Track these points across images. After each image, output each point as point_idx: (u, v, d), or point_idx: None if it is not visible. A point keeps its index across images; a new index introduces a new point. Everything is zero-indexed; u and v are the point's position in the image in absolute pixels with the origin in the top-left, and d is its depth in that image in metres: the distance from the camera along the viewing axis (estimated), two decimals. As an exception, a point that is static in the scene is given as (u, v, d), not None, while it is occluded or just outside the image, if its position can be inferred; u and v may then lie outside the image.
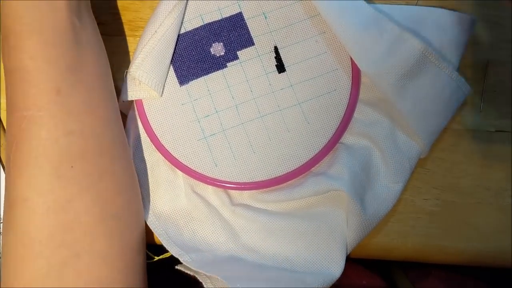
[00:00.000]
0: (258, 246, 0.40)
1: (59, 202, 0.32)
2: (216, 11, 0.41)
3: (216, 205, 0.40)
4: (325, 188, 0.39)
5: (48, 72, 0.32)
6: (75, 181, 0.32)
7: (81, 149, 0.33)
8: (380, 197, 0.39)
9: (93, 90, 0.34)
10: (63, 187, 0.32)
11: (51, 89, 0.32)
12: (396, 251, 0.42)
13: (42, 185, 0.32)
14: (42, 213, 0.32)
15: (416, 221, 0.41)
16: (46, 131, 0.32)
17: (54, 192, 0.32)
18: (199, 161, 0.40)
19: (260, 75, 0.41)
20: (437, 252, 0.42)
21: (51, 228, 0.32)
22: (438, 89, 0.38)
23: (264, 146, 0.40)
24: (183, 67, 0.41)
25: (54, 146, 0.32)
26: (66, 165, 0.32)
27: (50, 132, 0.32)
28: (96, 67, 0.35)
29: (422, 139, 0.39)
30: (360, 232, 0.39)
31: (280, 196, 0.40)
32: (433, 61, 0.38)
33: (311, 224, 0.40)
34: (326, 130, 0.40)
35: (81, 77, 0.33)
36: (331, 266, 0.39)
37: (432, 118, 0.39)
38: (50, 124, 0.32)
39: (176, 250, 0.39)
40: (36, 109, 0.31)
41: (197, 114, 0.40)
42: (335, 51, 0.40)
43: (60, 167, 0.32)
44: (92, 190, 0.33)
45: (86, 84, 0.34)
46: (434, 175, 0.42)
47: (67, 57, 0.32)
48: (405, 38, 0.38)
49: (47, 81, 0.32)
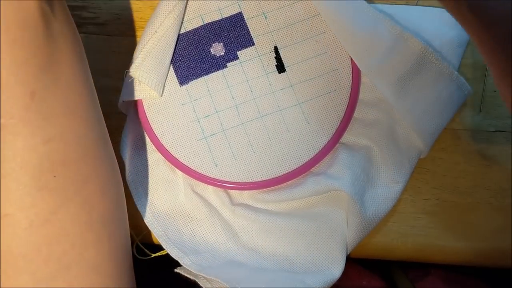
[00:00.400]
0: (258, 246, 0.40)
1: (42, 215, 0.29)
2: (216, 11, 0.41)
3: (216, 205, 0.40)
4: (325, 188, 0.39)
5: (19, 74, 0.28)
6: (58, 190, 0.30)
7: (63, 155, 0.30)
8: (380, 197, 0.39)
9: (71, 89, 0.31)
10: (46, 199, 0.29)
11: (24, 93, 0.28)
12: (396, 251, 0.42)
13: (22, 199, 0.29)
14: (25, 228, 0.29)
15: (416, 221, 0.42)
16: (22, 140, 0.28)
17: (36, 205, 0.29)
18: (199, 161, 0.40)
19: (260, 75, 0.41)
20: (437, 252, 0.42)
21: (36, 242, 0.29)
22: (438, 89, 0.38)
23: (264, 146, 0.40)
24: (183, 67, 0.41)
25: (33, 156, 0.29)
26: (47, 175, 0.29)
27: (27, 140, 0.28)
28: (73, 61, 0.31)
29: (422, 139, 0.39)
30: (360, 232, 0.39)
31: (280, 196, 0.40)
32: (433, 61, 0.38)
33: (311, 224, 0.40)
34: (326, 130, 0.40)
35: (57, 75, 0.30)
36: (331, 266, 0.39)
37: (432, 118, 0.39)
38: (25, 132, 0.28)
39: (176, 252, 0.39)
40: (8, 116, 0.28)
41: (197, 114, 0.40)
42: (335, 51, 0.40)
43: (41, 178, 0.29)
44: (78, 198, 0.31)
45: (64, 83, 0.30)
46: (434, 175, 0.42)
47: (40, 54, 0.28)
48: (405, 38, 0.38)
49: (18, 85, 0.28)
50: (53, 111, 0.29)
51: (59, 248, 0.30)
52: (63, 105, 0.30)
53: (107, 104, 0.41)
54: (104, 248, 0.33)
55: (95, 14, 0.42)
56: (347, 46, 0.39)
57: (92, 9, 0.42)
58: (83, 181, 0.31)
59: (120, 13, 0.42)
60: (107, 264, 0.33)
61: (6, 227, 0.29)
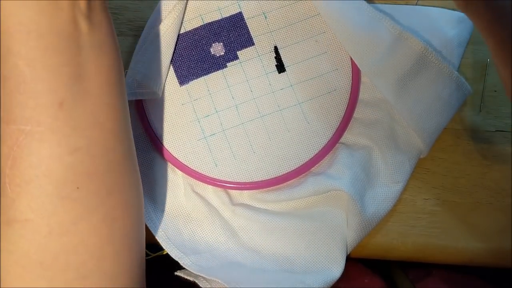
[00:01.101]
0: (258, 245, 0.40)
1: (63, 224, 0.29)
2: (216, 11, 0.41)
3: (216, 205, 0.40)
4: (325, 188, 0.39)
5: (49, 81, 0.28)
6: (81, 202, 0.30)
7: (88, 167, 0.30)
8: (380, 197, 0.39)
9: (101, 101, 0.30)
10: (67, 209, 0.29)
11: (52, 102, 0.28)
12: (396, 251, 0.42)
13: (45, 206, 0.29)
14: (44, 235, 0.29)
15: (416, 221, 0.41)
16: (48, 149, 0.28)
17: (57, 214, 0.29)
18: (199, 161, 0.40)
19: (260, 75, 0.41)
20: (437, 252, 0.42)
21: (54, 251, 0.29)
22: (438, 89, 0.38)
23: (264, 146, 0.40)
24: (183, 67, 0.41)
25: (57, 165, 0.28)
26: (71, 186, 0.29)
27: (53, 149, 0.28)
28: (107, 74, 0.31)
29: (422, 139, 0.39)
30: (360, 231, 0.39)
31: (280, 196, 0.40)
32: (433, 61, 0.38)
33: (311, 224, 0.40)
34: (326, 130, 0.40)
35: (88, 86, 0.29)
36: (331, 266, 0.39)
37: (432, 118, 0.39)
38: (52, 141, 0.28)
39: (176, 252, 0.39)
40: (36, 124, 0.28)
41: (197, 114, 0.40)
42: (335, 51, 0.40)
43: (64, 188, 0.29)
44: (100, 210, 0.31)
45: (94, 95, 0.30)
46: (434, 175, 0.42)
47: (72, 63, 0.28)
48: (405, 38, 0.38)
49: (47, 93, 0.28)
50: (81, 122, 0.29)
51: (78, 258, 0.30)
52: (92, 117, 0.30)
53: (107, 104, 0.41)
54: (123, 260, 0.32)
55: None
56: (347, 46, 0.39)
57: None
58: (107, 194, 0.31)
59: (120, 13, 0.42)
60: (123, 276, 0.33)
61: (26, 232, 0.29)
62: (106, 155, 0.31)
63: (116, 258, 0.32)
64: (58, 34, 0.27)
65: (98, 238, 0.31)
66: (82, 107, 0.29)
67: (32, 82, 0.27)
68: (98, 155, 0.30)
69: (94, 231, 0.30)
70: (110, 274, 0.32)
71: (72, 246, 0.30)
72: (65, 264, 0.30)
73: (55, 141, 0.28)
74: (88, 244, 0.30)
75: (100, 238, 0.31)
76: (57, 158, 0.28)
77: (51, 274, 0.30)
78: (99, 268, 0.31)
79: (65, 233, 0.29)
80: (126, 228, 0.33)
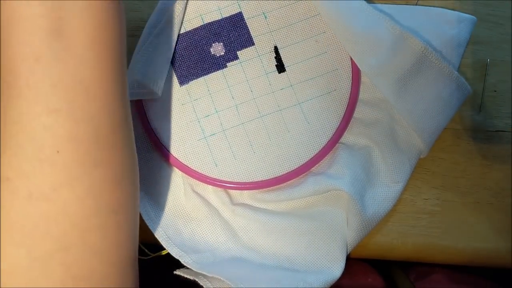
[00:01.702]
0: (258, 245, 0.40)
1: (42, 189, 0.28)
2: (216, 11, 0.41)
3: (216, 205, 0.40)
4: (325, 188, 0.39)
5: (24, 33, 0.26)
6: (62, 168, 0.28)
7: (70, 132, 0.28)
8: (380, 196, 0.39)
9: (86, 62, 0.28)
10: (47, 172, 0.28)
11: (27, 55, 0.27)
12: (396, 251, 0.42)
13: (22, 166, 0.28)
14: (24, 197, 0.28)
15: (416, 221, 0.41)
16: (25, 106, 0.27)
17: (36, 176, 0.28)
18: (199, 161, 0.40)
19: (260, 75, 0.41)
20: (437, 252, 0.42)
21: (34, 216, 0.28)
22: (438, 89, 0.38)
23: (264, 146, 0.40)
24: (183, 67, 0.41)
25: (35, 124, 0.27)
26: (50, 149, 0.28)
27: (30, 107, 0.27)
28: (94, 33, 0.28)
29: (422, 139, 0.39)
30: (360, 231, 0.39)
31: (280, 196, 0.40)
32: (433, 61, 0.38)
33: (311, 224, 0.40)
34: (326, 130, 0.40)
35: (69, 44, 0.27)
36: (331, 265, 0.39)
37: (432, 118, 0.39)
38: (29, 97, 0.27)
39: (176, 251, 0.39)
40: (13, 76, 0.27)
41: (197, 114, 0.40)
42: (335, 51, 0.40)
43: (43, 150, 0.28)
44: (84, 180, 0.29)
45: (76, 54, 0.28)
46: (434, 175, 0.42)
47: (51, 16, 0.27)
48: (405, 38, 0.38)
49: (22, 45, 0.26)
50: (61, 82, 0.28)
51: (59, 227, 0.29)
52: (74, 78, 0.28)
53: (107, 104, 0.41)
54: (110, 236, 0.31)
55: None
56: (347, 46, 0.39)
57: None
58: (93, 165, 0.30)
59: (120, 13, 0.42)
60: (112, 252, 0.31)
61: (6, 192, 0.28)
62: (91, 123, 0.29)
63: (103, 232, 0.31)
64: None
65: (81, 209, 0.29)
66: (63, 65, 0.28)
67: (4, 33, 0.26)
68: (82, 122, 0.29)
69: (77, 201, 0.29)
70: (96, 249, 0.30)
71: (52, 214, 0.29)
72: (45, 232, 0.29)
73: (32, 98, 0.27)
74: (70, 214, 0.29)
75: (84, 209, 0.30)
76: (35, 116, 0.27)
77: (30, 242, 0.29)
78: (82, 241, 0.30)
79: (45, 199, 0.28)
80: (116, 204, 0.31)
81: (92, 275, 0.30)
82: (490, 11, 0.41)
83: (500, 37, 0.42)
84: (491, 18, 0.42)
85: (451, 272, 0.44)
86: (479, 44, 0.42)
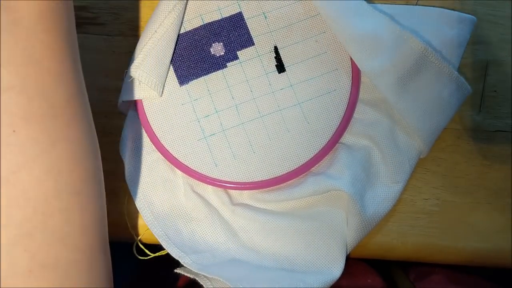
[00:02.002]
0: (258, 245, 0.40)
1: (1, 172, 0.27)
2: (216, 11, 0.41)
3: (216, 205, 0.40)
4: (325, 188, 0.39)
5: None
6: (19, 148, 0.27)
7: (25, 110, 0.27)
8: (380, 197, 0.39)
9: (36, 36, 0.28)
10: (4, 155, 0.27)
11: None
12: (396, 251, 0.42)
13: None
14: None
15: (416, 221, 0.41)
16: None
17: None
18: (199, 161, 0.40)
19: (260, 75, 0.41)
20: (437, 252, 0.42)
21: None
22: (438, 89, 0.38)
23: (264, 146, 0.40)
24: (183, 67, 0.41)
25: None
26: (6, 129, 0.26)
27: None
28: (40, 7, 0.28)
29: (422, 139, 0.39)
30: (360, 232, 0.39)
31: (280, 196, 0.40)
32: (433, 61, 0.38)
33: (311, 224, 0.40)
34: (326, 130, 0.40)
35: (17, 17, 0.27)
36: (331, 266, 0.39)
37: (432, 118, 0.39)
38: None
39: (177, 252, 0.39)
40: None
41: (197, 114, 0.40)
42: (335, 51, 0.40)
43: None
44: (43, 160, 0.28)
45: (26, 28, 0.27)
46: (434, 175, 0.42)
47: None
48: (405, 38, 0.38)
49: None
50: (13, 58, 0.27)
51: (20, 212, 0.28)
52: (25, 53, 0.27)
53: (107, 104, 0.42)
54: (74, 219, 0.30)
55: (95, 14, 0.42)
56: (347, 46, 0.39)
57: (92, 9, 0.42)
58: (51, 143, 0.28)
59: (120, 13, 0.42)
60: (77, 237, 0.30)
61: None
62: (46, 98, 0.28)
63: (66, 215, 0.29)
64: None
65: (42, 192, 0.28)
66: (13, 41, 0.27)
67: None
68: (36, 97, 0.28)
69: (37, 183, 0.28)
70: (60, 233, 0.29)
71: (13, 199, 0.27)
72: (6, 218, 0.27)
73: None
74: (31, 197, 0.28)
75: (45, 192, 0.28)
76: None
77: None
78: (45, 225, 0.28)
79: (4, 183, 0.27)
80: (77, 185, 0.30)
81: (58, 262, 0.29)
82: (490, 11, 0.41)
83: (500, 37, 0.42)
84: (491, 18, 0.42)
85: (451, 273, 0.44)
86: (479, 44, 0.42)
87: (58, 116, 0.29)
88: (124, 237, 0.42)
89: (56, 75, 0.29)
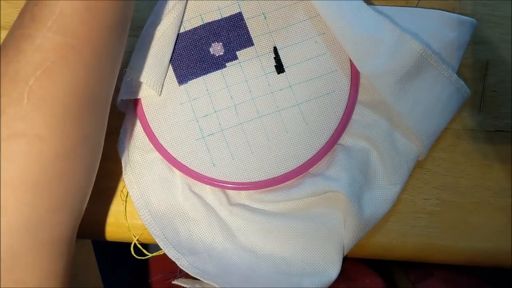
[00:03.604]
0: (255, 246, 0.40)
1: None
2: (215, 11, 0.41)
3: (213, 205, 0.40)
4: (323, 189, 0.39)
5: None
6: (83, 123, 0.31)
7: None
8: (378, 198, 0.39)
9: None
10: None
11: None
12: (396, 251, 0.42)
13: (56, 125, 0.30)
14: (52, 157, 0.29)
15: (416, 221, 0.41)
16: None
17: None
18: (197, 161, 0.40)
19: (259, 75, 0.41)
20: (437, 252, 0.41)
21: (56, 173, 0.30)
22: (437, 92, 0.38)
23: (262, 146, 0.40)
24: (182, 67, 0.41)
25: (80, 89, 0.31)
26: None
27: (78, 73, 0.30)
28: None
29: (420, 141, 0.39)
30: (357, 233, 0.39)
31: (277, 197, 0.40)
32: (432, 63, 0.38)
33: (309, 225, 0.40)
34: (324, 131, 0.40)
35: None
36: (328, 267, 0.39)
37: (430, 120, 0.38)
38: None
39: (173, 253, 0.39)
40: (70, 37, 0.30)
41: (196, 114, 0.40)
42: (334, 52, 0.40)
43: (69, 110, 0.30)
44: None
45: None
46: (434, 175, 0.42)
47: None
48: (404, 40, 0.38)
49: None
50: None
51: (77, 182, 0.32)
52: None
53: (107, 104, 0.42)
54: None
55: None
56: (347, 48, 0.39)
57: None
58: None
59: (120, 13, 0.42)
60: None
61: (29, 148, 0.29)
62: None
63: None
64: None
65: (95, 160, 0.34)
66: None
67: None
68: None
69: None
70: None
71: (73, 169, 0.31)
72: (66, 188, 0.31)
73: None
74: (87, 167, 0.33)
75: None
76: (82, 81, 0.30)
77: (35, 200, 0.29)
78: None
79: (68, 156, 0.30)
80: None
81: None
82: (490, 11, 0.41)
83: (500, 37, 0.42)
84: (491, 18, 0.41)
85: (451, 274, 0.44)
86: (479, 44, 0.42)
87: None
88: (124, 237, 0.42)
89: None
